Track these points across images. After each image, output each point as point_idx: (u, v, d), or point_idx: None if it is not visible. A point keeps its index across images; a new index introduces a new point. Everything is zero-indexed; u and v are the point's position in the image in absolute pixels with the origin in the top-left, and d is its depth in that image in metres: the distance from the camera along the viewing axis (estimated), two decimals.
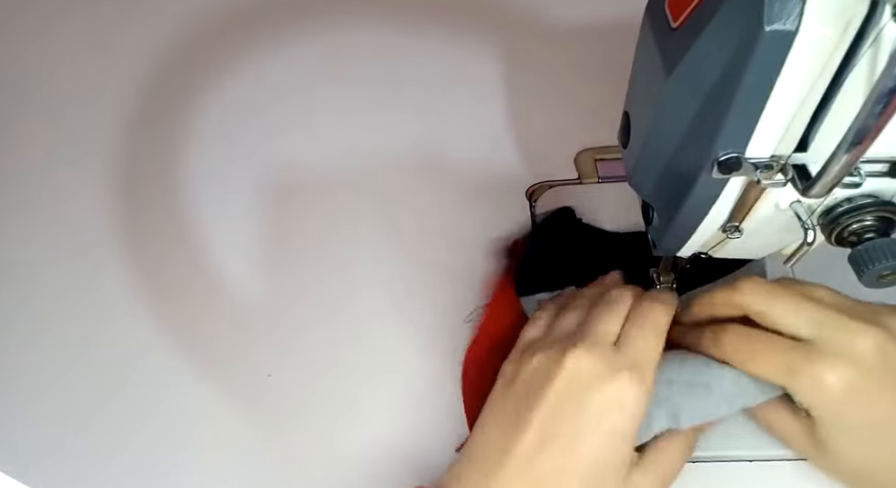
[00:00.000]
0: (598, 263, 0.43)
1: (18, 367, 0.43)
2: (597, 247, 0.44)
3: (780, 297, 0.32)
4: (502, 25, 0.58)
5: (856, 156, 0.23)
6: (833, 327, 0.31)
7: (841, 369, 0.30)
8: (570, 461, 0.30)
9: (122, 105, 0.54)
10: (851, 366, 0.30)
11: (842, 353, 0.30)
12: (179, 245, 0.47)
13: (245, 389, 0.41)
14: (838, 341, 0.30)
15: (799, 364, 0.30)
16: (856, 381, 0.30)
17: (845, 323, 0.31)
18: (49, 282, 0.46)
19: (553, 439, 0.31)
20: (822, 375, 0.30)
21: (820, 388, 0.30)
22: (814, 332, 0.31)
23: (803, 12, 0.22)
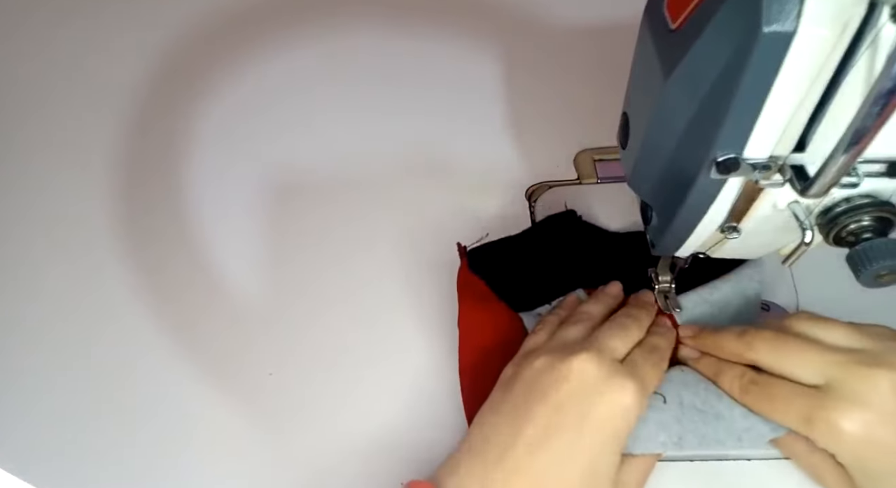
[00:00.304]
0: (597, 264, 0.43)
1: (20, 367, 0.43)
2: (596, 248, 0.44)
3: (789, 352, 0.33)
4: (502, 26, 0.58)
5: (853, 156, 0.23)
6: (844, 374, 0.31)
7: (856, 415, 0.30)
8: (569, 458, 0.31)
9: (124, 107, 0.54)
10: (866, 412, 0.30)
11: (856, 400, 0.30)
12: (180, 245, 0.47)
13: (246, 388, 0.41)
14: (851, 387, 0.30)
15: (814, 412, 0.31)
16: (873, 426, 0.30)
17: (856, 369, 0.31)
18: (50, 282, 0.46)
19: (555, 435, 0.31)
20: (837, 422, 0.30)
21: (837, 435, 0.30)
22: (827, 381, 0.31)
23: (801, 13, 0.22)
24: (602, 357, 0.33)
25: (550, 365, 0.33)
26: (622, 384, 0.32)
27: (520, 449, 0.31)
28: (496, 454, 0.32)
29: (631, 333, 0.36)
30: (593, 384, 0.32)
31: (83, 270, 0.46)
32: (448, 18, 0.58)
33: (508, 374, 0.35)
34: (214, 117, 0.53)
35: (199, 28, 0.59)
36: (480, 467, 0.32)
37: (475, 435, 0.33)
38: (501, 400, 0.34)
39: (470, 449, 0.33)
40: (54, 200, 0.50)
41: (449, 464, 0.33)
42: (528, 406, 0.32)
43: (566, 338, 0.36)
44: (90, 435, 0.40)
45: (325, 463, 0.39)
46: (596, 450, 0.31)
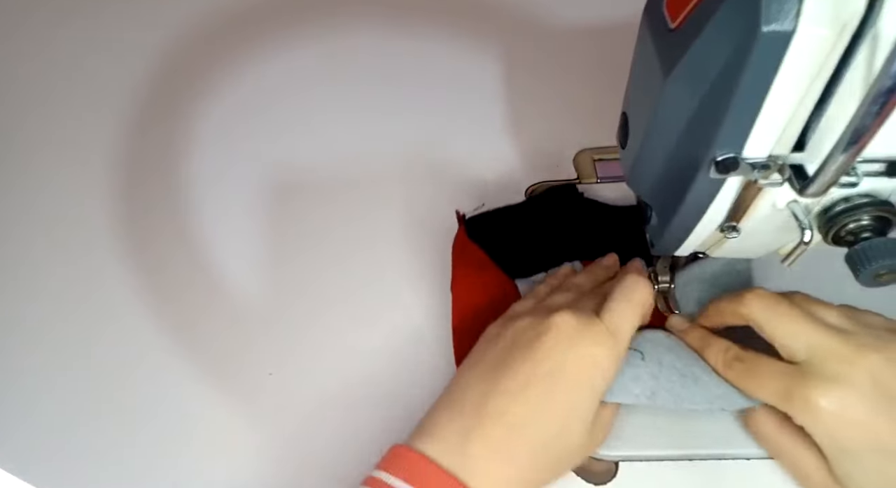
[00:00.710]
0: (594, 237, 0.44)
1: (20, 367, 0.43)
2: (594, 221, 0.45)
3: (781, 315, 0.33)
4: (502, 26, 0.58)
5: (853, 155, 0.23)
6: (826, 352, 0.31)
7: (832, 394, 0.30)
8: (545, 406, 0.32)
9: (124, 106, 0.55)
10: (843, 392, 0.30)
11: (835, 378, 0.30)
12: (180, 245, 0.47)
13: (246, 388, 0.41)
14: (830, 367, 0.31)
15: (793, 387, 0.31)
16: (849, 407, 0.30)
17: (839, 348, 0.31)
18: (50, 282, 0.46)
19: (532, 385, 0.32)
20: (814, 400, 0.30)
21: (814, 413, 0.31)
22: (807, 356, 0.32)
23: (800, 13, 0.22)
24: (578, 313, 0.34)
25: (531, 324, 0.34)
26: (593, 336, 0.33)
27: (497, 397, 0.32)
28: (472, 406, 0.32)
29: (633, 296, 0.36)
30: (568, 338, 0.33)
31: (83, 270, 0.46)
32: (448, 18, 0.58)
33: (491, 334, 0.36)
34: (214, 117, 0.54)
35: (198, 28, 0.59)
36: (456, 420, 0.32)
37: (454, 388, 0.34)
38: (481, 358, 0.35)
39: (446, 404, 0.34)
40: (54, 200, 0.50)
41: (426, 421, 0.34)
42: (507, 360, 0.33)
43: (551, 304, 0.37)
44: (90, 435, 0.40)
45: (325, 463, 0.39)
46: (572, 399, 0.32)
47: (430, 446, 0.32)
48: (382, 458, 0.33)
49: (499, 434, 0.32)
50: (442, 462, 0.31)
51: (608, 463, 0.37)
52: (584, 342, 0.33)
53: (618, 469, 0.37)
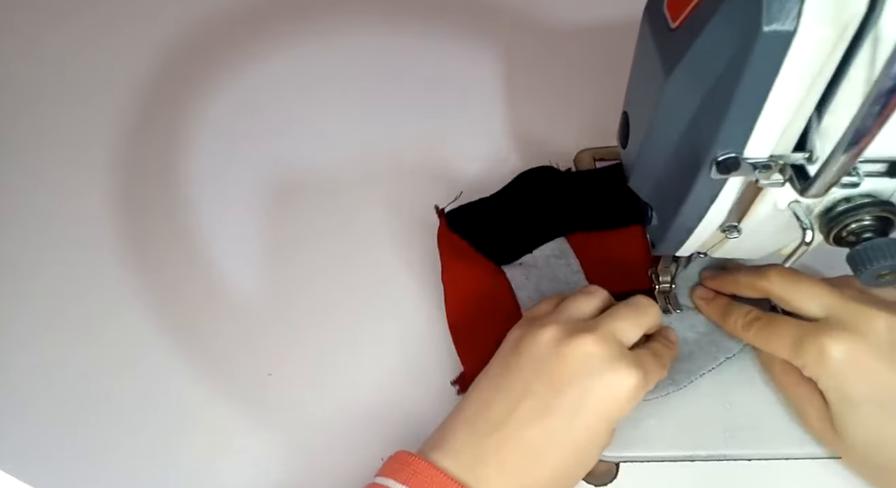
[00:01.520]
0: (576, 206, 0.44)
1: (19, 366, 0.43)
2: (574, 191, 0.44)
3: (801, 284, 0.35)
4: (502, 26, 0.58)
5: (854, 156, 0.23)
6: (846, 308, 0.33)
7: (846, 341, 0.32)
8: (563, 436, 0.31)
9: (123, 105, 0.55)
10: (857, 340, 0.32)
11: (849, 328, 0.32)
12: (179, 244, 0.47)
13: (245, 388, 0.41)
14: (848, 319, 0.32)
15: (807, 337, 0.32)
16: (861, 355, 0.31)
17: (858, 306, 0.32)
18: (49, 281, 0.46)
19: (552, 414, 0.31)
20: (826, 346, 0.32)
21: (823, 359, 0.32)
22: (827, 313, 0.33)
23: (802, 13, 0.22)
24: (610, 340, 0.32)
25: (557, 341, 0.32)
26: (626, 371, 0.31)
27: (514, 423, 0.31)
28: (490, 426, 0.32)
29: (644, 319, 0.35)
30: (597, 367, 0.31)
31: (82, 270, 0.46)
32: (448, 18, 0.58)
33: (512, 339, 0.34)
34: (213, 116, 0.53)
35: (197, 27, 0.59)
36: (472, 438, 0.32)
37: (470, 406, 0.33)
38: (501, 374, 0.33)
39: (463, 420, 0.33)
40: (52, 199, 0.50)
41: (440, 433, 0.33)
42: (528, 383, 0.32)
43: (576, 311, 0.35)
44: (89, 435, 0.40)
45: (325, 464, 0.39)
46: (590, 432, 0.32)
47: (443, 459, 0.31)
48: (388, 465, 0.32)
49: (514, 460, 0.31)
50: (453, 473, 0.31)
51: (609, 464, 0.37)
52: (612, 372, 0.31)
53: (618, 470, 0.37)
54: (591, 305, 0.35)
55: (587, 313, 0.35)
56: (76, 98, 0.55)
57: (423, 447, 0.33)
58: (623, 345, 0.33)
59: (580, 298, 0.35)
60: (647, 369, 0.33)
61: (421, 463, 0.31)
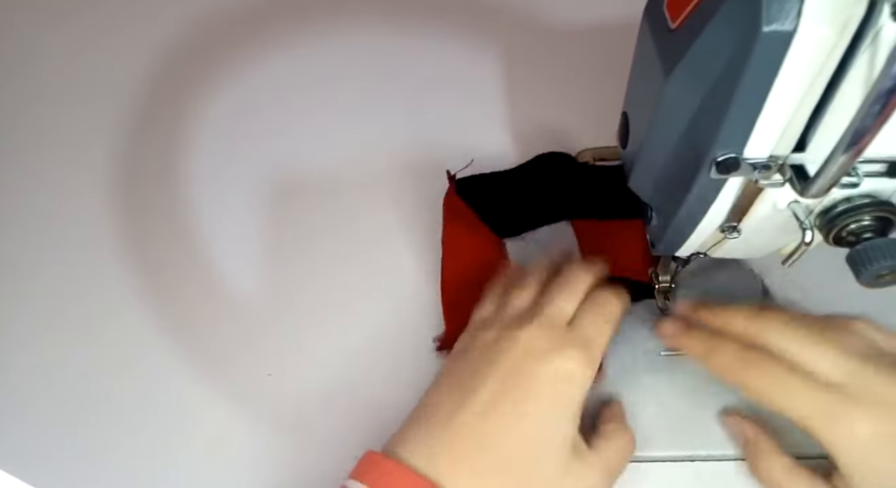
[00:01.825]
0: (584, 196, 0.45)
1: (19, 366, 0.43)
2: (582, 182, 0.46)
3: (810, 340, 0.32)
4: (502, 25, 0.58)
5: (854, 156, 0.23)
6: (870, 378, 0.31)
7: (876, 418, 0.30)
8: (516, 423, 0.31)
9: (123, 106, 0.55)
10: (885, 415, 0.30)
11: (876, 402, 0.30)
12: (180, 245, 0.47)
13: (245, 388, 0.41)
14: (872, 390, 0.30)
15: (835, 409, 0.30)
16: (887, 430, 0.30)
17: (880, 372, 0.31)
18: (49, 281, 0.46)
19: (502, 401, 0.32)
20: (856, 423, 0.30)
21: (853, 436, 0.30)
22: (848, 379, 0.31)
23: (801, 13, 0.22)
24: (547, 326, 0.33)
25: (498, 338, 0.34)
26: (566, 353, 0.32)
27: (467, 413, 0.32)
28: (443, 418, 0.32)
29: (574, 288, 0.35)
30: (539, 354, 0.32)
31: (82, 270, 0.46)
32: (448, 18, 0.58)
33: (461, 346, 0.36)
34: (213, 116, 0.54)
35: (197, 27, 0.59)
36: (427, 431, 0.32)
37: (425, 404, 0.34)
38: (452, 371, 0.34)
39: (418, 416, 0.33)
40: (52, 199, 0.50)
41: (403, 428, 0.33)
42: (477, 375, 0.33)
43: (515, 307, 0.36)
44: (89, 435, 0.40)
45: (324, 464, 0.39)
46: (541, 418, 0.32)
47: (404, 452, 0.32)
48: (358, 466, 0.32)
49: (466, 451, 0.31)
50: (415, 466, 0.31)
51: None
52: (554, 357, 0.32)
53: None
54: (528, 295, 0.36)
55: (526, 304, 0.36)
56: (76, 98, 0.55)
57: (387, 444, 0.33)
58: (561, 325, 0.34)
59: (515, 291, 0.36)
60: (590, 342, 0.33)
61: (387, 463, 0.31)
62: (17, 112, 0.55)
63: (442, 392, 0.34)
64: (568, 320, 0.34)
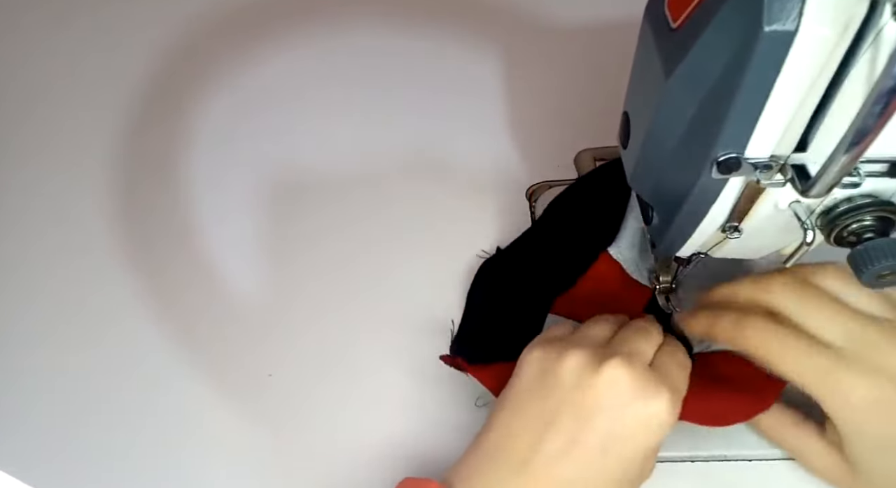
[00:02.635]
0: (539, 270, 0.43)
1: (20, 368, 0.43)
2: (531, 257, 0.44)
3: (814, 305, 0.32)
4: (502, 25, 0.58)
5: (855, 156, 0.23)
6: (869, 341, 0.30)
7: (875, 383, 0.30)
8: (594, 472, 0.30)
9: (123, 107, 0.54)
10: (885, 382, 0.30)
11: (876, 366, 0.30)
12: (180, 245, 0.47)
13: (245, 389, 0.41)
14: (873, 355, 0.30)
15: (832, 371, 0.30)
16: (887, 396, 0.30)
17: (882, 339, 0.30)
18: (50, 283, 0.46)
19: (581, 447, 0.30)
20: (854, 386, 0.30)
21: (850, 399, 0.30)
22: (847, 343, 0.31)
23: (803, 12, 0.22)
24: (634, 363, 0.30)
25: (580, 369, 0.31)
26: (657, 393, 0.30)
27: (541, 459, 0.30)
28: (515, 462, 0.30)
29: (652, 336, 0.34)
30: (626, 394, 0.30)
31: (82, 271, 0.46)
32: (448, 18, 0.58)
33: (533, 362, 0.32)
34: (214, 117, 0.53)
35: (198, 27, 0.59)
36: (496, 475, 0.30)
37: (492, 439, 0.31)
38: (526, 401, 0.32)
39: (486, 454, 0.31)
40: (52, 200, 0.50)
41: (462, 467, 0.31)
42: (553, 413, 0.30)
43: (596, 335, 0.33)
44: (90, 437, 0.40)
45: (324, 464, 0.39)
46: (622, 465, 0.30)
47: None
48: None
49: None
50: None
51: None
52: (643, 400, 0.30)
53: None
54: (608, 330, 0.34)
55: (604, 338, 0.34)
56: (77, 99, 0.55)
57: (448, 476, 0.31)
58: (646, 364, 0.31)
59: (592, 325, 0.34)
60: (675, 383, 0.31)
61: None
62: (18, 113, 0.55)
63: (508, 429, 0.31)
64: (649, 362, 0.32)
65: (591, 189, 0.44)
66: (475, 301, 0.42)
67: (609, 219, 0.43)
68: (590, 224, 0.43)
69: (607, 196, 0.43)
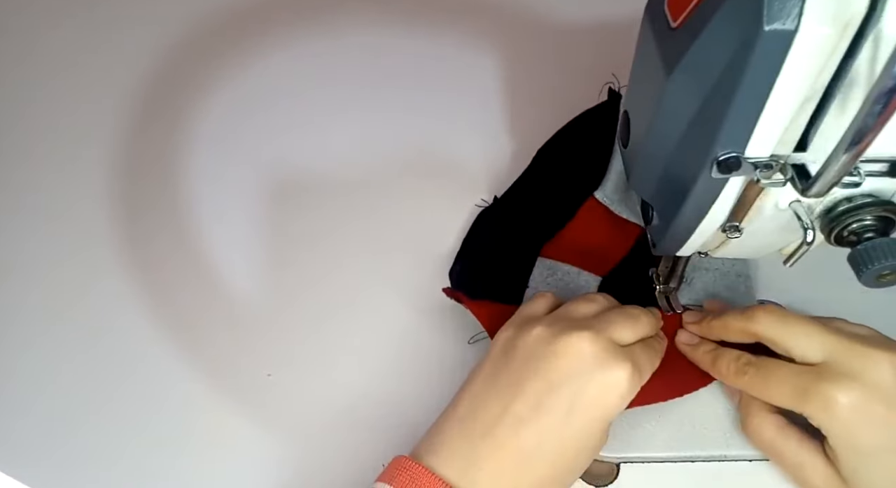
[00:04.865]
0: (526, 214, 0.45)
1: (18, 368, 0.43)
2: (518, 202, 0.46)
3: (793, 325, 0.33)
4: (502, 25, 0.58)
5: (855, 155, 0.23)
6: (846, 352, 0.31)
7: (853, 389, 0.30)
8: (556, 436, 0.31)
9: (122, 106, 0.54)
10: (863, 389, 0.30)
11: (854, 374, 0.31)
12: (179, 245, 0.47)
13: (245, 389, 0.41)
14: (851, 364, 0.31)
15: (810, 386, 0.31)
16: (870, 402, 0.30)
17: (859, 348, 0.31)
18: (49, 282, 0.46)
19: (545, 413, 0.31)
20: (833, 396, 0.30)
21: (832, 409, 0.30)
22: (826, 357, 0.32)
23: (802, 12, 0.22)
24: (601, 337, 0.32)
25: (547, 338, 0.32)
26: (618, 367, 0.31)
27: (506, 424, 0.31)
28: (483, 428, 0.31)
29: (640, 326, 0.34)
30: (590, 364, 0.31)
31: (81, 270, 0.46)
32: (448, 18, 0.58)
33: (503, 340, 0.34)
34: (213, 116, 0.53)
35: (198, 27, 0.59)
36: (466, 441, 0.31)
37: (462, 406, 0.33)
38: (493, 373, 0.33)
39: (456, 420, 0.32)
40: (51, 199, 0.50)
41: (433, 435, 0.33)
42: (520, 381, 0.32)
43: (570, 313, 0.35)
44: (90, 437, 0.40)
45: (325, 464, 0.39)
46: (585, 430, 0.31)
47: (437, 461, 0.31)
48: (385, 470, 0.32)
49: (508, 462, 0.31)
50: (449, 478, 0.30)
51: (610, 464, 0.37)
52: (605, 369, 0.31)
53: (619, 470, 0.37)
54: (590, 309, 0.35)
55: (583, 315, 0.35)
56: (76, 98, 0.55)
57: (417, 449, 0.33)
58: (615, 343, 0.32)
59: (579, 302, 0.35)
60: (639, 364, 0.32)
61: (417, 469, 0.31)
62: (18, 112, 0.55)
63: (478, 396, 0.33)
64: (620, 343, 0.33)
65: (576, 135, 0.46)
66: (472, 245, 0.44)
67: (594, 164, 0.44)
68: (576, 169, 0.45)
69: (592, 142, 0.45)
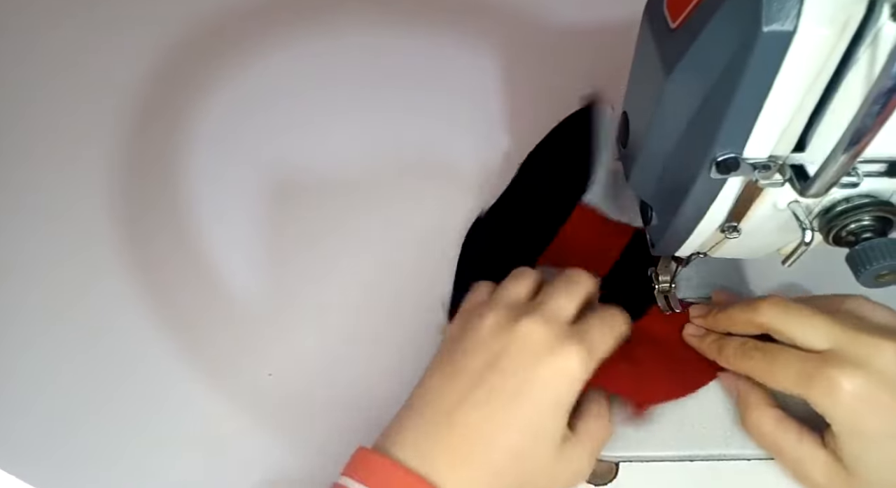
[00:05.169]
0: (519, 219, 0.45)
1: (18, 368, 0.43)
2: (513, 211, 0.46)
3: (797, 314, 0.33)
4: (501, 25, 0.58)
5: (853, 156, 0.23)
6: (851, 341, 0.31)
7: (856, 375, 0.30)
8: (509, 419, 0.31)
9: (122, 106, 0.54)
10: (868, 376, 0.30)
11: (858, 361, 0.31)
12: (179, 245, 0.47)
13: (245, 389, 0.41)
14: (856, 352, 0.31)
15: (815, 371, 0.31)
16: (873, 391, 0.30)
17: (864, 338, 0.31)
18: (49, 282, 0.46)
19: (497, 396, 0.31)
20: (837, 381, 0.30)
21: (836, 394, 0.31)
22: (831, 344, 0.32)
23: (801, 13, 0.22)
24: (549, 322, 0.32)
25: (498, 326, 0.33)
26: (568, 349, 0.31)
27: (460, 409, 0.31)
28: (437, 410, 0.32)
29: (576, 289, 0.34)
30: (540, 348, 0.32)
31: (82, 270, 0.46)
32: (447, 18, 0.58)
33: (454, 332, 0.35)
34: (213, 116, 0.53)
35: (197, 27, 0.59)
36: (422, 427, 0.32)
37: (417, 396, 0.34)
38: (446, 362, 0.34)
39: (415, 410, 0.33)
40: (51, 199, 0.50)
41: (394, 424, 0.33)
42: (472, 369, 0.32)
43: (512, 295, 0.35)
44: (90, 436, 0.40)
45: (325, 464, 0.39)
46: (537, 414, 0.31)
47: (398, 451, 0.31)
48: (349, 463, 0.32)
49: (462, 446, 0.31)
50: (409, 465, 0.31)
51: (609, 463, 0.37)
52: (556, 352, 0.32)
53: (618, 470, 0.37)
54: (524, 287, 0.35)
55: (523, 295, 0.35)
56: (76, 98, 0.55)
57: (379, 439, 0.33)
58: (563, 322, 0.33)
59: (511, 282, 0.36)
60: (592, 344, 0.32)
61: (377, 460, 0.31)
62: (17, 112, 0.55)
63: (434, 386, 0.33)
64: (569, 319, 0.33)
65: (559, 143, 0.47)
66: (465, 268, 0.44)
67: (579, 169, 0.45)
68: (562, 177, 0.45)
69: (574, 148, 0.46)
